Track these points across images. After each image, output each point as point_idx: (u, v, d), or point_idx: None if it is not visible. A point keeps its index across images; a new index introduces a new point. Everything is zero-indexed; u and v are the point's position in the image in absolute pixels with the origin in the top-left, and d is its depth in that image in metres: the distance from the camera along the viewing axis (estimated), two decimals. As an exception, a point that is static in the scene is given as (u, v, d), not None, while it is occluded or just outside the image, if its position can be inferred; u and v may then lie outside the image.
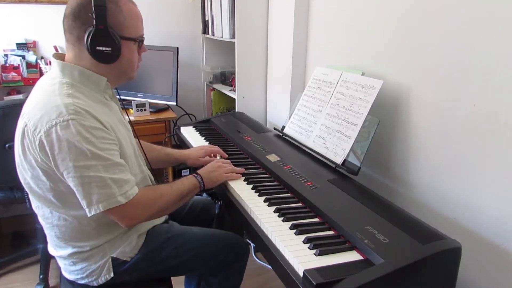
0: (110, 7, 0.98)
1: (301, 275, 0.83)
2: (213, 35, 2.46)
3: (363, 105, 1.30)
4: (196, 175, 1.20)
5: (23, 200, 1.84)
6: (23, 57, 2.20)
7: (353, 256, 0.90)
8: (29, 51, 2.25)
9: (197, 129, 1.87)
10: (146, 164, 1.25)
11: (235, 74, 2.13)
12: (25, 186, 1.03)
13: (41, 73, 2.23)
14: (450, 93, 1.14)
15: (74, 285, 1.14)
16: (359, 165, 1.26)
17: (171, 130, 2.37)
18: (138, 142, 1.26)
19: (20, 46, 2.24)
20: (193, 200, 1.50)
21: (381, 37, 1.38)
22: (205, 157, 1.45)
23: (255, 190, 1.23)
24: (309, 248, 0.92)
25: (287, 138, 1.64)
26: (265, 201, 1.16)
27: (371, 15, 1.42)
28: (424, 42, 1.21)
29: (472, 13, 1.05)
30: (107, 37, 0.99)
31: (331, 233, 1.00)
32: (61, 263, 1.14)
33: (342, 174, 1.30)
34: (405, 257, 0.84)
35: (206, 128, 1.91)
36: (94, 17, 0.96)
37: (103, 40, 0.98)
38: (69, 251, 1.08)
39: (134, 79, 1.14)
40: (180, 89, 2.43)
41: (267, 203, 1.14)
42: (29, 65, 2.21)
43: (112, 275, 1.11)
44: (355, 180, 1.26)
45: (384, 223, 0.98)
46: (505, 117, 1.00)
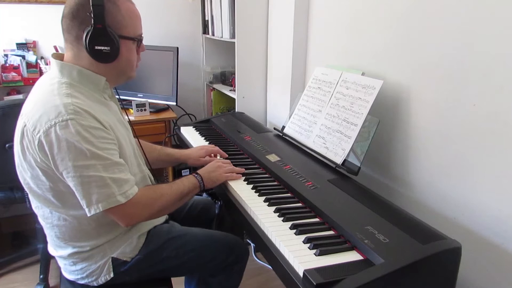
0: (108, 6, 0.98)
1: (301, 275, 0.83)
2: (213, 35, 2.46)
3: (363, 105, 1.30)
4: (196, 175, 1.20)
5: (23, 200, 1.84)
6: (23, 57, 2.20)
7: (353, 256, 0.90)
8: (29, 51, 2.25)
9: (197, 129, 1.87)
10: (145, 164, 1.25)
11: (235, 74, 2.13)
12: (24, 186, 1.03)
13: (41, 73, 2.23)
14: (450, 93, 1.14)
15: (74, 285, 1.14)
16: (359, 165, 1.26)
17: (171, 130, 2.37)
18: (137, 142, 1.26)
19: (20, 46, 2.24)
20: (193, 200, 1.49)
21: (381, 37, 1.38)
22: (206, 157, 1.45)
23: (255, 190, 1.23)
24: (309, 248, 0.92)
25: (287, 138, 1.64)
26: (265, 201, 1.16)
27: (371, 15, 1.42)
28: (424, 42, 1.21)
29: (472, 13, 1.05)
30: (106, 37, 0.98)
31: (331, 233, 1.00)
32: (61, 263, 1.14)
33: (342, 174, 1.30)
34: (405, 257, 0.84)
35: (206, 128, 1.91)
36: (92, 16, 0.96)
37: (101, 39, 0.98)
38: (69, 251, 1.08)
39: (133, 79, 1.14)
40: (180, 89, 2.43)
41: (267, 203, 1.14)
42: (29, 65, 2.21)
43: (112, 275, 1.11)
44: (355, 180, 1.26)
45: (384, 223, 0.98)
46: (505, 117, 1.00)
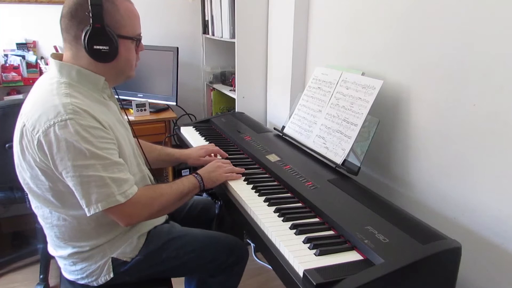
0: (107, 6, 0.98)
1: (301, 275, 0.83)
2: (213, 35, 2.46)
3: (363, 105, 1.30)
4: (196, 175, 1.20)
5: (23, 200, 1.84)
6: (23, 57, 2.20)
7: (353, 256, 0.90)
8: (29, 51, 2.25)
9: (197, 129, 1.87)
10: (145, 163, 1.25)
11: (235, 74, 2.13)
12: (24, 186, 1.03)
13: (41, 73, 2.23)
14: (450, 93, 1.14)
15: (74, 285, 1.14)
16: (359, 165, 1.26)
17: (171, 130, 2.37)
18: (137, 141, 1.26)
19: (20, 46, 2.24)
20: (193, 200, 1.49)
21: (381, 37, 1.38)
22: (206, 157, 1.45)
23: (255, 190, 1.23)
24: (309, 248, 0.92)
25: (287, 138, 1.64)
26: (265, 201, 1.16)
27: (371, 15, 1.42)
28: (424, 42, 1.21)
29: (472, 13, 1.05)
30: (104, 36, 0.99)
31: (331, 233, 1.00)
32: (61, 263, 1.14)
33: (342, 174, 1.30)
34: (405, 257, 0.84)
35: (206, 128, 1.91)
36: (91, 16, 0.96)
37: (100, 38, 0.98)
38: (69, 251, 1.08)
39: (132, 78, 1.14)
40: (180, 89, 2.43)
41: (267, 203, 1.14)
42: (29, 65, 2.21)
43: (112, 275, 1.11)
44: (355, 180, 1.26)
45: (384, 223, 0.98)
46: (505, 117, 1.00)
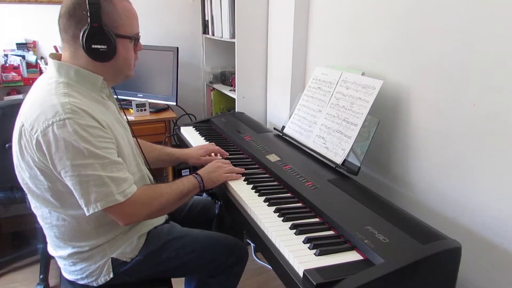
0: (104, 5, 0.98)
1: (301, 275, 0.83)
2: (213, 35, 2.46)
3: (363, 105, 1.30)
4: (196, 176, 1.20)
5: (23, 200, 1.84)
6: (23, 57, 2.20)
7: (353, 256, 0.90)
8: (29, 51, 2.25)
9: (197, 129, 1.87)
10: (144, 163, 1.25)
11: (235, 74, 2.13)
12: (23, 186, 1.03)
13: (41, 73, 2.23)
14: (450, 93, 1.14)
15: (74, 285, 1.14)
16: (359, 165, 1.26)
17: (171, 130, 2.37)
18: (136, 141, 1.26)
19: (20, 46, 2.24)
20: (193, 200, 1.49)
21: (381, 37, 1.38)
22: (206, 156, 1.45)
23: (255, 190, 1.23)
24: (309, 248, 0.92)
25: (287, 138, 1.64)
26: (265, 201, 1.16)
27: (371, 15, 1.42)
28: (424, 42, 1.21)
29: (472, 13, 1.05)
30: (102, 35, 0.99)
31: (331, 233, 1.00)
32: (61, 263, 1.14)
33: (342, 174, 1.30)
34: (405, 257, 0.84)
35: (206, 128, 1.91)
36: (88, 15, 0.96)
37: (98, 38, 0.98)
38: (69, 251, 1.08)
39: (131, 78, 1.14)
40: (180, 89, 2.43)
41: (267, 203, 1.14)
42: (29, 65, 2.21)
43: (112, 275, 1.11)
44: (355, 180, 1.26)
45: (384, 223, 0.98)
46: (505, 117, 0.99)
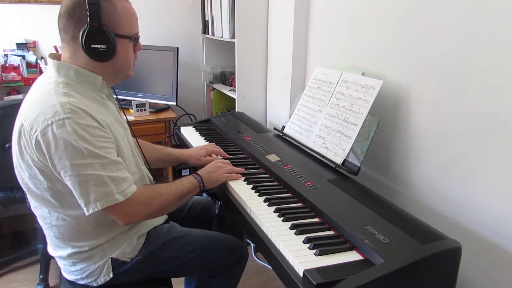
0: (104, 5, 0.98)
1: (301, 275, 0.83)
2: (213, 35, 2.46)
3: (363, 105, 1.30)
4: (196, 176, 1.20)
5: (23, 200, 1.84)
6: (23, 57, 2.20)
7: (353, 256, 0.90)
8: (29, 51, 2.25)
9: (197, 129, 1.87)
10: (144, 163, 1.25)
11: (235, 74, 2.13)
12: (23, 186, 1.03)
13: (41, 73, 2.23)
14: (450, 93, 1.14)
15: (74, 285, 1.14)
16: (359, 165, 1.26)
17: (171, 130, 2.37)
18: (135, 141, 1.26)
19: (20, 46, 2.24)
20: (193, 200, 1.49)
21: (381, 37, 1.38)
22: (206, 157, 1.45)
23: (255, 190, 1.23)
24: (309, 248, 0.92)
25: (287, 138, 1.64)
26: (265, 201, 1.16)
27: (371, 15, 1.42)
28: (424, 42, 1.21)
29: (472, 13, 1.05)
30: (102, 35, 0.99)
31: (331, 233, 1.00)
32: (61, 263, 1.14)
33: (342, 174, 1.30)
34: (405, 257, 0.84)
35: (206, 128, 1.91)
36: (88, 14, 0.96)
37: (97, 37, 0.98)
38: (69, 251, 1.08)
39: (131, 78, 1.14)
40: (180, 89, 2.43)
41: (267, 203, 1.14)
42: (29, 65, 2.21)
43: (111, 275, 1.11)
44: (355, 180, 1.26)
45: (384, 223, 0.98)
46: (505, 117, 0.99)
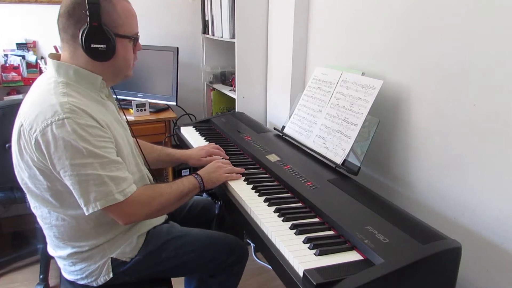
0: (104, 5, 0.99)
1: (301, 275, 0.83)
2: (213, 35, 2.46)
3: (363, 105, 1.30)
4: (196, 176, 1.20)
5: (23, 200, 1.84)
6: (23, 57, 2.20)
7: (353, 256, 0.90)
8: (29, 51, 2.25)
9: (197, 129, 1.87)
10: (144, 163, 1.25)
11: (235, 74, 2.13)
12: (22, 186, 1.03)
13: (41, 73, 2.23)
14: (450, 93, 1.14)
15: (74, 285, 1.14)
16: (359, 165, 1.26)
17: (171, 130, 2.37)
18: (135, 141, 1.26)
19: (20, 46, 2.24)
20: (193, 200, 1.49)
21: (381, 37, 1.38)
22: (207, 157, 1.45)
23: (255, 190, 1.23)
24: (309, 248, 0.92)
25: (287, 138, 1.64)
26: (265, 201, 1.16)
27: (371, 15, 1.42)
28: (424, 42, 1.21)
29: (472, 13, 1.05)
30: (102, 35, 0.99)
31: (331, 233, 1.00)
32: (61, 263, 1.14)
33: (342, 174, 1.30)
34: (405, 257, 0.84)
35: (206, 128, 1.91)
36: (88, 14, 0.96)
37: (97, 37, 0.98)
38: (68, 251, 1.08)
39: (130, 78, 1.14)
40: (180, 89, 2.43)
41: (267, 203, 1.14)
42: (29, 65, 2.21)
43: (111, 275, 1.11)
44: (355, 180, 1.26)
45: (384, 223, 0.98)
46: (505, 117, 0.99)
